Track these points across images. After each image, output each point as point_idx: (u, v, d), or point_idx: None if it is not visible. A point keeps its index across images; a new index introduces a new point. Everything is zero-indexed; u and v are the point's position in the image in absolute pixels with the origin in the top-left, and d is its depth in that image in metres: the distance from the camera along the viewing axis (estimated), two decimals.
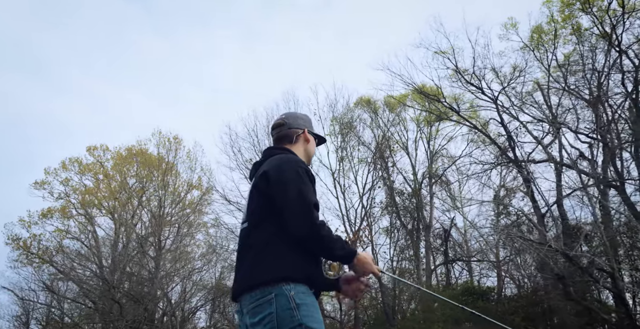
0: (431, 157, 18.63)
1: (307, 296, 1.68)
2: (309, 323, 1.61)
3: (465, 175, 15.46)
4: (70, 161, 23.18)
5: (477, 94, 13.69)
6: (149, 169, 22.43)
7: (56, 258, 20.41)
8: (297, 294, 1.65)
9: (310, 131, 2.15)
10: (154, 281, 17.54)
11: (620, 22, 11.42)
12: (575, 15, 13.21)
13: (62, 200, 22.39)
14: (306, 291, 1.69)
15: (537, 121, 13.02)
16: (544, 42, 14.04)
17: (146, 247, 20.02)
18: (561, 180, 13.22)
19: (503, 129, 13.18)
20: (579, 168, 12.31)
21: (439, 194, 19.14)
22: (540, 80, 14.24)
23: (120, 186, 22.53)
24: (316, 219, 1.70)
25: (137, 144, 22.74)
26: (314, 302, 1.70)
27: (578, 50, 13.56)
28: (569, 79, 13.51)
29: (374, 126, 18.83)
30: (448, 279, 17.78)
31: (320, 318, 1.69)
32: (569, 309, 8.90)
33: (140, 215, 22.39)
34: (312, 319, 1.64)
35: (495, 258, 17.70)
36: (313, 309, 1.67)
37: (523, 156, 12.88)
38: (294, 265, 1.70)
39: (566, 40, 13.63)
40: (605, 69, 12.57)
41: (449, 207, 18.72)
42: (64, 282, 20.69)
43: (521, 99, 13.60)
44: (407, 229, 18.18)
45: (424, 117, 18.03)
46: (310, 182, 1.83)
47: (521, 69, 13.81)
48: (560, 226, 12.08)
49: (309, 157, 2.14)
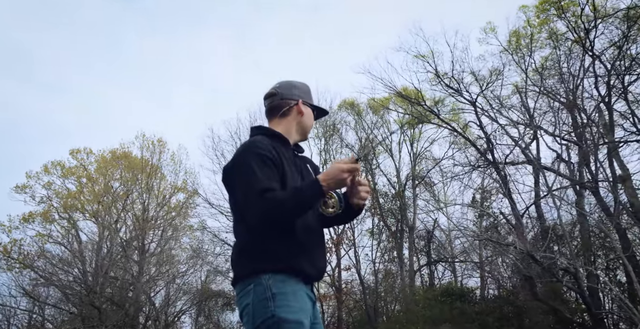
0: (414, 159, 18.81)
1: (287, 285, 1.58)
2: (282, 314, 1.52)
3: (447, 177, 15.65)
4: (53, 164, 22.92)
5: (457, 97, 13.89)
6: (134, 172, 22.27)
7: (37, 263, 20.12)
8: (274, 283, 1.58)
9: (305, 101, 1.93)
10: (137, 286, 17.40)
11: (593, 28, 11.67)
12: (550, 20, 13.48)
13: (44, 204, 22.13)
14: (286, 280, 1.59)
15: (515, 123, 13.25)
16: (521, 46, 14.30)
17: (130, 251, 19.86)
18: (539, 182, 13.46)
19: (481, 131, 13.38)
20: (555, 170, 12.55)
21: (422, 196, 19.34)
22: (519, 84, 14.51)
23: (104, 189, 22.32)
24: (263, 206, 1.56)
25: (120, 147, 22.52)
26: (295, 291, 1.59)
27: (555, 54, 13.85)
28: (547, 82, 13.78)
29: (358, 128, 18.99)
30: (431, 280, 17.94)
31: (300, 307, 1.58)
32: (539, 310, 9.10)
33: (125, 219, 22.22)
34: (287, 309, 1.54)
35: (479, 259, 17.93)
36: (292, 298, 1.57)
37: (501, 158, 13.10)
38: (274, 255, 1.62)
39: (543, 44, 13.91)
40: (580, 73, 12.86)
41: (432, 208, 18.92)
42: (46, 287, 20.43)
43: (500, 101, 13.83)
44: (390, 230, 18.31)
45: (407, 119, 18.21)
46: (272, 162, 1.67)
47: (499, 72, 14.05)
48: (537, 226, 12.29)
49: (304, 131, 1.92)
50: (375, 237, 18.24)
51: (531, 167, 13.88)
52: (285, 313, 1.53)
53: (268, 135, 1.83)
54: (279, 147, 1.78)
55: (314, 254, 1.70)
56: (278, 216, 1.58)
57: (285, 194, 1.59)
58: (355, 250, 16.97)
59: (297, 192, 1.59)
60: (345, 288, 16.54)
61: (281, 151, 1.76)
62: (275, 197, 1.57)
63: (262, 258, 1.62)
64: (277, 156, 1.71)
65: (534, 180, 13.75)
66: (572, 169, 13.08)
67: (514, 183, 14.06)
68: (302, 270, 1.64)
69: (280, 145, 1.79)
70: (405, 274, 17.21)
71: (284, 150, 1.79)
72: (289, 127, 1.87)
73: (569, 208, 12.77)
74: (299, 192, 1.58)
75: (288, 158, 1.77)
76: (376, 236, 18.30)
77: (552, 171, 12.44)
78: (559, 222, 9.28)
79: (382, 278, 17.82)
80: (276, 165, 1.68)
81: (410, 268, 17.48)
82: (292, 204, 1.57)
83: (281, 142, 1.81)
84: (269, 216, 1.57)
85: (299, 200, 1.57)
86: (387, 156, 19.13)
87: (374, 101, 16.40)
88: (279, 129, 1.86)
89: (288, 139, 1.85)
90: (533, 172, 13.94)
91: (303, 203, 1.59)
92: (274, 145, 1.75)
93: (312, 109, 1.96)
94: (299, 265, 1.63)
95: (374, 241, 18.23)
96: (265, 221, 1.58)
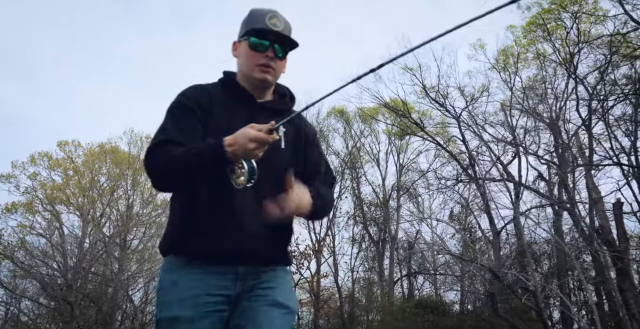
0: (400, 169, 18.97)
1: (169, 273, 1.37)
2: (158, 314, 1.33)
3: (431, 190, 15.83)
4: (40, 155, 22.80)
5: (442, 111, 14.09)
6: (121, 168, 22.22)
7: (17, 254, 19.99)
8: (161, 274, 1.40)
9: (239, 38, 1.54)
10: (116, 282, 17.34)
11: (577, 52, 11.93)
12: (537, 41, 13.74)
13: (28, 194, 22.00)
14: (171, 267, 1.38)
15: (498, 140, 13.47)
16: (509, 65, 14.55)
17: (111, 247, 19.79)
18: (519, 199, 13.67)
19: (464, 146, 13.59)
20: (534, 188, 12.76)
21: (406, 206, 19.50)
22: (505, 101, 14.75)
23: (90, 183, 22.25)
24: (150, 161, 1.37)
25: (108, 141, 22.49)
26: (176, 280, 1.35)
27: (541, 74, 14.12)
28: (531, 102, 14.02)
29: (347, 135, 19.14)
30: (410, 291, 18.06)
31: (178, 297, 1.32)
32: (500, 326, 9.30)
33: (110, 214, 22.14)
34: (161, 307, 1.34)
35: (460, 272, 18.08)
36: (169, 291, 1.34)
37: (482, 174, 13.29)
38: (168, 233, 1.43)
39: (527, 64, 14.17)
40: (564, 95, 13.12)
41: (415, 219, 19.07)
42: (25, 279, 20.28)
43: (484, 118, 14.06)
44: (373, 240, 18.43)
45: (395, 130, 18.39)
46: (191, 109, 1.43)
47: (485, 88, 14.29)
48: (514, 244, 12.47)
49: (246, 77, 1.52)
50: (357, 245, 18.36)
51: (512, 185, 14.11)
52: (160, 312, 1.34)
53: (224, 83, 1.56)
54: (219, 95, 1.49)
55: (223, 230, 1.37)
56: (165, 175, 1.35)
57: (179, 150, 1.33)
58: (334, 258, 17.07)
59: (192, 151, 1.32)
60: (322, 295, 16.62)
61: (217, 99, 1.47)
62: (167, 152, 1.34)
63: (164, 236, 1.44)
64: (203, 103, 1.44)
65: (515, 197, 13.97)
66: (552, 188, 13.31)
67: (494, 200, 14.26)
68: (193, 250, 1.36)
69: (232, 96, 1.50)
70: (384, 284, 17.32)
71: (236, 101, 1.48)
72: (239, 75, 1.55)
73: (547, 227, 12.97)
74: (196, 152, 1.31)
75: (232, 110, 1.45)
76: (357, 244, 18.41)
77: (531, 189, 12.65)
78: (523, 242, 9.46)
79: (361, 287, 17.93)
80: (195, 113, 1.42)
81: (390, 278, 17.60)
82: (182, 164, 1.32)
83: (234, 93, 1.51)
84: (156, 173, 1.36)
85: (192, 160, 1.31)
86: (374, 165, 19.29)
87: (362, 111, 16.57)
88: (238, 78, 1.55)
89: (243, 88, 1.51)
90: (514, 189, 14.16)
91: (197, 165, 1.31)
92: (211, 92, 1.48)
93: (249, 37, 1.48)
94: (188, 244, 1.36)
95: (354, 249, 18.35)
96: (152, 178, 1.37)
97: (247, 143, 1.26)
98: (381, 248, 18.11)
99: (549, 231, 10.67)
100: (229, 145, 1.28)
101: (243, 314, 1.36)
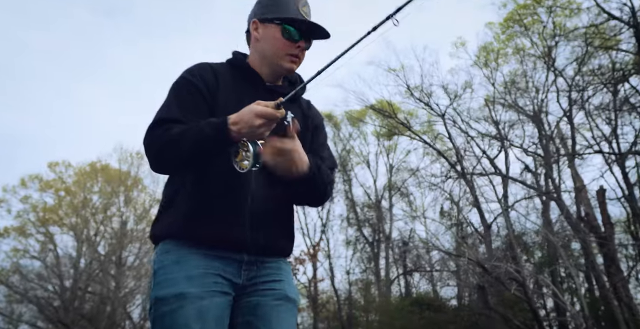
0: (391, 169, 19.13)
1: (172, 254, 1.28)
2: (158, 292, 1.23)
3: (421, 187, 15.98)
4: (30, 177, 22.66)
5: (427, 109, 14.29)
6: (112, 185, 22.16)
7: (12, 279, 19.82)
8: (159, 257, 1.30)
9: (265, 18, 1.42)
10: (114, 300, 17.23)
11: (554, 45, 12.21)
12: (516, 35, 14.03)
13: (20, 218, 21.84)
14: (171, 249, 1.29)
15: (483, 135, 13.68)
16: (490, 60, 14.82)
17: (107, 265, 19.67)
18: (507, 192, 13.87)
19: (450, 143, 13.79)
20: (521, 180, 12.97)
21: (399, 206, 19.63)
22: (488, 97, 14.99)
23: (82, 202, 22.16)
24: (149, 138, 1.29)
25: (97, 159, 22.41)
26: (180, 258, 1.27)
27: (521, 68, 14.40)
28: (514, 96, 14.28)
29: (336, 139, 19.30)
30: (407, 289, 18.13)
31: (185, 275, 1.24)
32: (492, 318, 9.42)
33: (104, 232, 22.04)
34: (163, 285, 1.24)
35: (456, 267, 18.21)
36: (173, 269, 1.25)
37: (470, 169, 13.48)
38: (162, 221, 1.35)
39: (507, 59, 14.43)
40: (545, 87, 13.39)
41: (409, 218, 19.20)
42: (24, 303, 20.09)
43: (469, 114, 14.28)
44: (367, 240, 18.52)
45: (383, 131, 18.57)
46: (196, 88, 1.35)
47: (469, 85, 14.53)
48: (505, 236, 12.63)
49: (267, 60, 1.43)
50: (352, 247, 18.44)
51: (500, 178, 14.31)
52: (161, 290, 1.23)
53: (232, 63, 1.47)
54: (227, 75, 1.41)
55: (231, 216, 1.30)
56: (162, 154, 1.27)
57: (180, 128, 1.25)
58: (330, 261, 17.12)
59: (192, 130, 1.23)
60: (320, 299, 16.64)
61: (224, 79, 1.39)
62: (166, 130, 1.26)
63: (155, 225, 1.37)
64: (209, 82, 1.36)
65: (503, 190, 14.17)
66: (538, 179, 13.52)
67: (484, 194, 14.44)
68: (197, 236, 1.29)
69: (241, 78, 1.43)
70: (381, 284, 17.38)
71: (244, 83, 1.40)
72: (253, 58, 1.46)
73: (535, 218, 13.16)
74: (197, 130, 1.22)
75: (240, 92, 1.37)
76: (352, 246, 18.49)
77: (517, 181, 12.85)
78: (510, 234, 9.62)
79: (358, 288, 17.98)
80: (200, 92, 1.34)
81: (386, 278, 17.66)
82: (181, 143, 1.23)
83: (243, 75, 1.43)
84: (154, 153, 1.28)
85: (192, 139, 1.22)
86: (365, 166, 19.44)
87: (349, 114, 16.73)
88: (250, 60, 1.47)
89: (255, 71, 1.43)
90: (502, 182, 14.36)
91: (197, 144, 1.22)
92: (218, 71, 1.40)
93: (277, 24, 1.40)
94: (191, 229, 1.29)
95: (349, 251, 18.43)
96: (149, 158, 1.29)
97: (254, 119, 1.17)
98: (376, 248, 18.20)
99: (534, 222, 10.85)
100: (234, 123, 1.19)
101: (253, 310, 1.29)
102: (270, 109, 1.17)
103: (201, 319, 1.19)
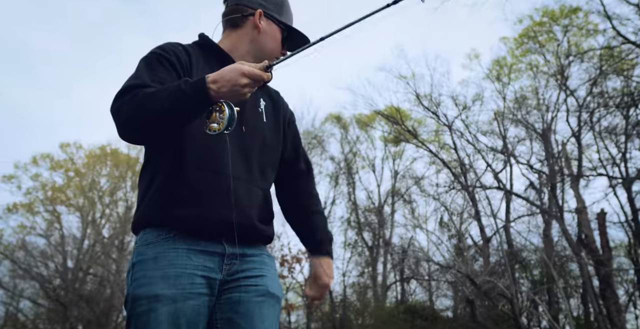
0: (395, 175, 19.20)
1: (152, 247, 1.23)
2: (135, 290, 1.19)
3: (424, 196, 16.05)
4: (42, 156, 23.14)
5: (435, 119, 14.36)
6: (120, 170, 22.54)
7: (17, 255, 20.28)
8: (139, 248, 1.26)
9: (269, 14, 1.43)
10: (113, 284, 17.58)
11: (568, 64, 12.20)
12: (531, 51, 14.02)
13: (30, 195, 22.32)
14: (152, 241, 1.24)
15: (490, 149, 13.71)
16: (502, 75, 14.83)
17: (110, 248, 20.05)
18: (509, 207, 13.91)
19: (455, 154, 13.85)
20: (523, 196, 12.99)
21: (401, 212, 19.71)
22: (498, 110, 15.00)
23: (90, 184, 22.57)
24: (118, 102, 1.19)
25: (107, 143, 22.80)
26: (159, 254, 1.22)
27: (533, 85, 14.39)
28: (524, 112, 14.28)
29: (344, 141, 19.42)
30: (403, 296, 18.23)
31: (161, 274, 1.20)
32: None
33: (109, 216, 22.44)
34: (140, 282, 1.19)
35: (454, 278, 18.24)
36: (150, 266, 1.21)
37: (473, 182, 13.52)
38: (142, 209, 1.28)
39: (520, 75, 14.43)
40: (555, 106, 13.40)
41: (410, 225, 19.27)
42: (27, 280, 20.55)
43: (477, 126, 14.31)
44: (367, 244, 18.63)
45: (390, 137, 18.65)
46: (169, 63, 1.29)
47: (479, 98, 14.56)
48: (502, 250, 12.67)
49: (258, 54, 1.42)
50: (349, 249, 18.57)
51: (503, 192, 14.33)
52: (137, 288, 1.19)
53: (202, 46, 1.42)
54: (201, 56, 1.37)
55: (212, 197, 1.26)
56: (132, 118, 1.16)
57: (152, 89, 1.18)
58: None
59: (167, 90, 1.16)
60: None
61: (196, 59, 1.35)
62: (137, 93, 1.17)
63: (137, 210, 1.30)
64: (183, 61, 1.31)
65: (506, 205, 14.22)
66: (541, 197, 13.53)
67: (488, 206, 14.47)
68: (178, 220, 1.23)
69: (210, 57, 1.39)
70: (377, 288, 17.50)
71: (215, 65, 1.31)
72: (237, 42, 1.42)
73: (537, 235, 13.17)
74: (172, 90, 1.14)
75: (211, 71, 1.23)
76: (350, 249, 18.62)
77: (520, 197, 12.87)
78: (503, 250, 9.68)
79: (354, 291, 18.11)
80: (175, 68, 1.29)
81: (383, 283, 17.77)
82: (154, 104, 1.14)
83: (217, 59, 1.38)
84: (122, 117, 1.18)
85: (166, 99, 1.13)
86: (369, 170, 19.53)
87: (359, 118, 16.85)
88: (223, 44, 1.43)
89: (230, 56, 1.39)
90: (505, 197, 14.39)
91: (172, 105, 1.13)
92: (190, 51, 1.36)
93: (280, 27, 1.44)
94: (172, 213, 1.23)
95: (346, 253, 18.56)
96: (117, 124, 1.19)
97: (239, 77, 1.12)
98: (375, 253, 18.31)
99: (528, 239, 10.89)
100: (213, 81, 1.12)
101: (234, 307, 1.25)
102: (258, 70, 1.15)
103: (173, 324, 1.16)
